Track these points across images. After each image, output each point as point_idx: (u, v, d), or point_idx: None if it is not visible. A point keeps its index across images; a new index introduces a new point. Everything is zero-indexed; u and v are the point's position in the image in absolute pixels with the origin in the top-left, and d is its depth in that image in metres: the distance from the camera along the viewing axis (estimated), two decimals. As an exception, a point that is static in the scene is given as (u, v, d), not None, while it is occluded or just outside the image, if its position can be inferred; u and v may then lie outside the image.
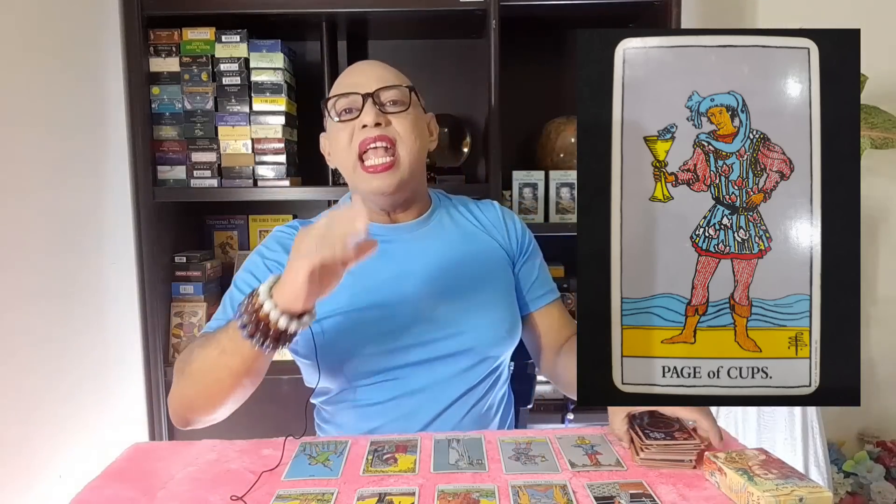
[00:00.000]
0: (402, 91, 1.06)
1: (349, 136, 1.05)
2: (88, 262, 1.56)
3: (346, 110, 1.06)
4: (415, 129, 1.06)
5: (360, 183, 1.06)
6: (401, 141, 1.04)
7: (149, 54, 1.74)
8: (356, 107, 1.04)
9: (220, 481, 0.83)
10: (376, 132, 1.03)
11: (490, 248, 1.15)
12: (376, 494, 0.77)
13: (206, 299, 1.84)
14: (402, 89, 1.06)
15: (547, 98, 2.03)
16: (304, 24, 1.86)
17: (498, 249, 1.16)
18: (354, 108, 1.05)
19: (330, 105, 1.08)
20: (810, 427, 1.74)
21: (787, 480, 0.74)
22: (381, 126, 1.03)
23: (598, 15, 1.85)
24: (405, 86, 1.07)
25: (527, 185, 1.81)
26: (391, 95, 1.05)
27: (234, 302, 1.05)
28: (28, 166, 1.34)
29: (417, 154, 1.07)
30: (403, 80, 1.10)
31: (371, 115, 1.02)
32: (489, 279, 1.12)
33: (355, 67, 1.11)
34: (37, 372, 1.35)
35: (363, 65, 1.12)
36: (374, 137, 1.02)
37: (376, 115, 1.03)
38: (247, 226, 2.05)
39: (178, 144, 1.77)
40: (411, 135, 1.05)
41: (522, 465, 0.85)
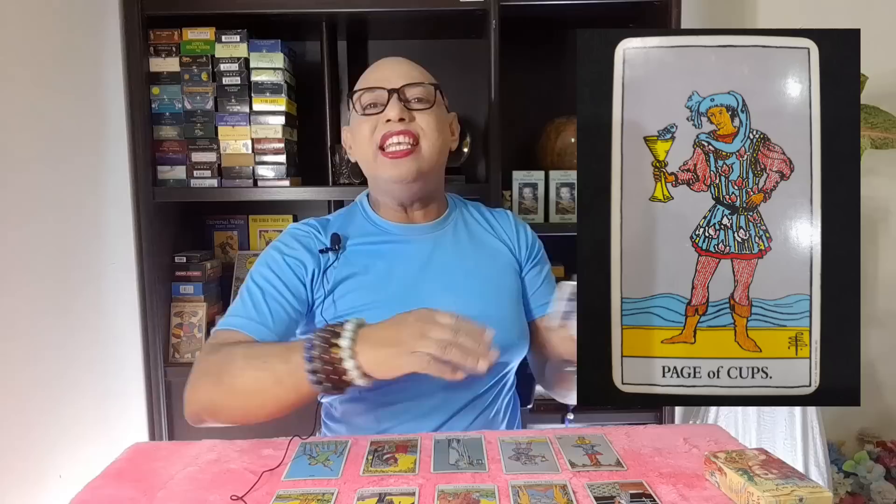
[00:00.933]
0: (428, 89, 1.07)
1: (372, 129, 1.05)
2: (88, 261, 1.56)
3: (372, 104, 1.06)
4: (438, 126, 1.07)
5: (381, 170, 1.06)
6: (424, 136, 1.05)
7: (149, 54, 1.75)
8: (381, 101, 1.05)
9: (220, 481, 0.83)
10: (400, 126, 1.03)
11: (502, 253, 1.16)
12: (376, 494, 0.77)
13: (206, 299, 1.84)
14: (428, 87, 1.07)
15: (547, 98, 2.03)
16: (304, 24, 1.86)
17: (508, 255, 1.16)
18: (379, 102, 1.05)
19: (355, 98, 1.08)
20: (810, 427, 1.74)
21: (787, 480, 0.74)
22: (405, 122, 1.04)
23: (598, 15, 1.84)
24: (430, 83, 1.08)
25: (527, 185, 1.81)
26: (416, 92, 1.06)
27: (252, 295, 1.03)
28: (28, 166, 1.34)
29: (439, 150, 1.08)
30: (429, 77, 1.10)
31: (396, 109, 1.03)
32: (501, 285, 1.12)
33: (382, 64, 1.11)
34: (37, 371, 1.35)
35: (390, 61, 1.12)
36: (397, 132, 1.03)
37: (401, 111, 1.03)
38: (247, 226, 2.05)
39: (178, 144, 1.77)
40: (434, 131, 1.06)
41: (522, 465, 0.85)
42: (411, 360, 0.78)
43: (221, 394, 0.90)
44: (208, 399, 0.92)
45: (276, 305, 1.03)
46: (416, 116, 1.06)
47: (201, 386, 0.93)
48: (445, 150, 1.11)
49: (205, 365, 0.94)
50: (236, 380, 0.89)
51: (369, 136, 1.05)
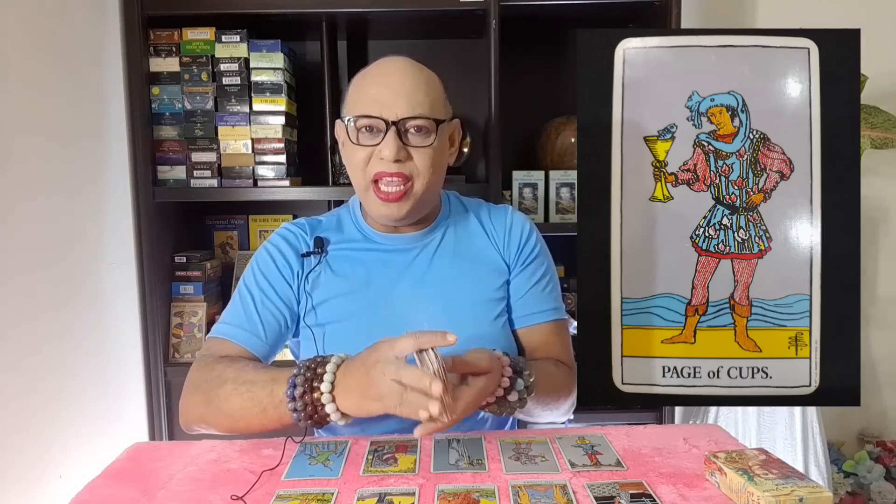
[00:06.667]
0: (429, 122, 1.00)
1: (365, 160, 1.00)
2: (88, 261, 1.56)
3: (367, 128, 0.99)
4: (434, 163, 1.01)
5: (371, 205, 1.03)
6: (418, 176, 1.00)
7: (149, 54, 1.74)
8: (378, 129, 0.98)
9: (220, 481, 0.83)
10: (394, 168, 0.98)
11: (488, 260, 1.10)
12: (376, 494, 0.77)
13: (206, 299, 1.84)
14: (430, 121, 1.00)
15: (547, 98, 2.03)
16: (304, 24, 1.86)
17: (497, 261, 1.10)
18: (377, 129, 0.99)
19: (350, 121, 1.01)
20: (810, 427, 1.74)
21: (787, 480, 0.74)
22: (401, 162, 0.98)
23: (598, 15, 1.85)
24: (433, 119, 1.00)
25: (527, 185, 1.81)
26: (417, 122, 0.99)
27: (244, 301, 1.04)
28: (28, 166, 1.34)
29: (434, 184, 1.03)
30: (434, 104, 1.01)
31: (392, 148, 0.97)
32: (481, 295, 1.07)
33: (385, 74, 1.01)
34: (37, 371, 1.35)
35: (393, 74, 1.01)
36: (391, 173, 0.98)
37: (398, 150, 0.97)
38: (247, 226, 2.05)
39: (178, 144, 1.77)
40: (429, 170, 1.00)
41: (522, 465, 0.85)
42: (381, 405, 0.80)
43: (210, 413, 0.94)
44: (199, 414, 0.96)
45: (267, 313, 1.04)
46: (413, 154, 0.99)
47: (192, 401, 0.97)
48: (441, 177, 1.06)
49: (196, 381, 0.97)
50: (223, 404, 0.92)
51: (363, 167, 1.01)
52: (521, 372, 0.89)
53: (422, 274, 1.07)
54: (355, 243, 1.10)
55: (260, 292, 1.05)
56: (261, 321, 1.03)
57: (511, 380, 0.87)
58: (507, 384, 0.87)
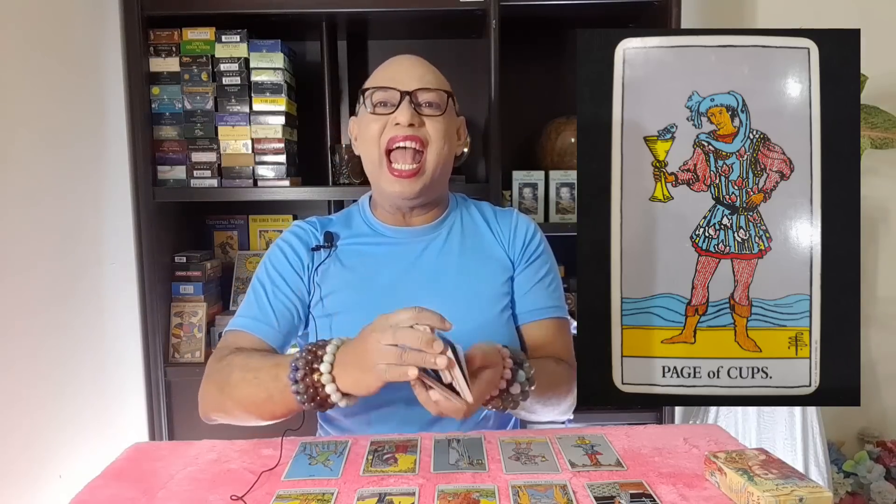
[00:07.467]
0: (440, 95, 1.06)
1: (380, 129, 1.05)
2: (88, 261, 1.56)
3: (382, 103, 1.06)
4: (446, 134, 1.06)
5: (384, 183, 1.06)
6: (431, 144, 1.05)
7: (149, 54, 1.74)
8: (392, 102, 1.04)
9: (220, 481, 0.83)
10: (408, 131, 1.03)
11: (495, 256, 1.12)
12: (376, 494, 0.77)
13: (206, 299, 1.84)
14: (441, 93, 1.07)
15: (547, 98, 2.03)
16: (304, 24, 1.86)
17: (503, 258, 1.13)
18: (391, 102, 1.05)
19: (367, 94, 1.08)
20: (810, 427, 1.74)
21: (787, 480, 0.74)
22: (414, 127, 1.04)
23: (598, 15, 1.84)
24: (443, 90, 1.07)
25: (527, 185, 1.81)
26: (428, 97, 1.05)
27: (257, 294, 1.07)
28: (28, 166, 1.34)
29: (445, 159, 1.07)
30: (443, 83, 1.09)
31: (406, 114, 1.02)
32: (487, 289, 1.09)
33: (398, 62, 1.10)
34: (37, 371, 1.35)
35: (406, 60, 1.10)
36: (404, 136, 1.03)
37: (411, 115, 1.03)
38: (247, 226, 2.05)
39: (178, 144, 1.77)
40: (442, 139, 1.05)
41: (522, 465, 0.85)
42: (375, 375, 0.80)
43: (224, 401, 0.96)
44: (216, 403, 0.99)
45: (279, 304, 1.06)
46: (426, 122, 1.05)
47: (208, 391, 1.00)
48: (451, 158, 1.10)
49: (210, 372, 1.01)
50: (234, 391, 0.94)
51: (377, 137, 1.05)
52: (521, 364, 0.89)
53: (429, 266, 1.09)
54: (364, 237, 1.12)
55: (272, 284, 1.08)
56: (273, 311, 1.06)
57: (513, 371, 0.88)
58: (510, 376, 0.87)
